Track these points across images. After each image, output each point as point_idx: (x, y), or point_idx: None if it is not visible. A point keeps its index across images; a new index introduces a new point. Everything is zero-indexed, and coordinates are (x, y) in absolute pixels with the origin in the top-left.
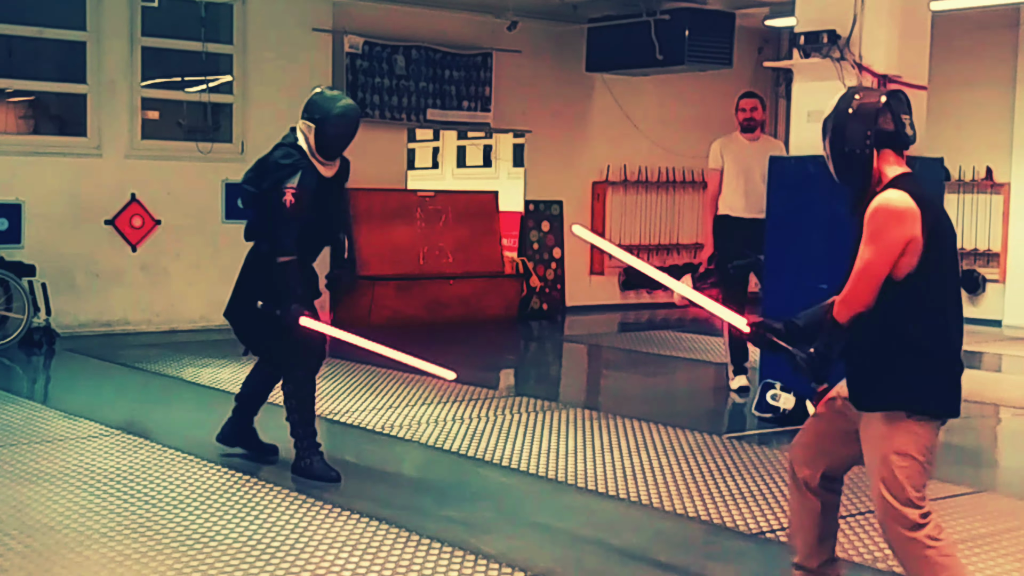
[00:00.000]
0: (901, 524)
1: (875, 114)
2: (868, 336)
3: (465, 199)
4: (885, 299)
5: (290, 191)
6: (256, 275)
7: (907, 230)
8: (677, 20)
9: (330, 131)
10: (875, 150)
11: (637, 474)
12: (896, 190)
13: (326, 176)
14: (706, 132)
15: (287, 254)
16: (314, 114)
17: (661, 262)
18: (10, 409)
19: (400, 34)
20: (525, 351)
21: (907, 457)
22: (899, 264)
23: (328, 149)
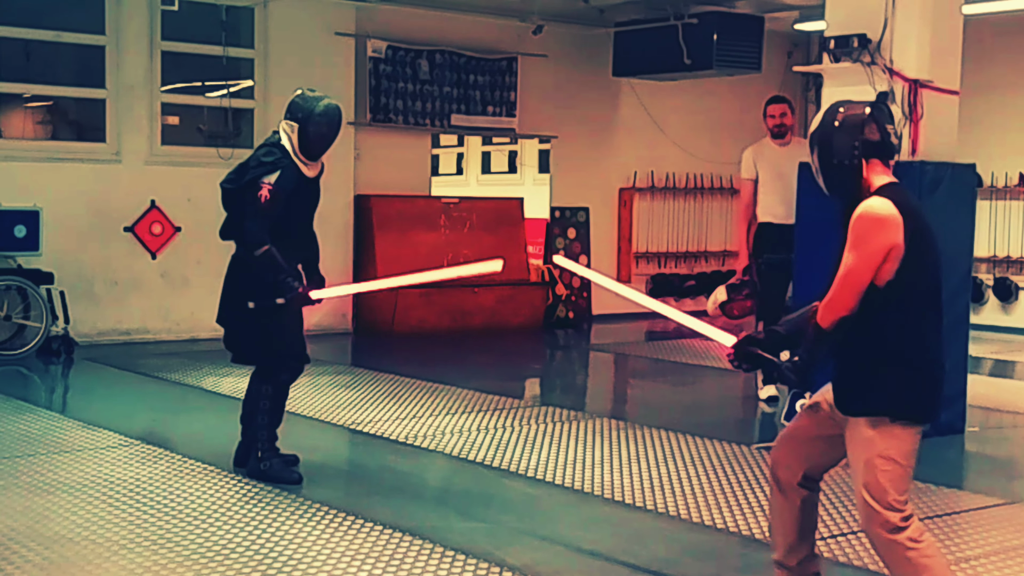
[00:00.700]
0: (883, 527)
1: (861, 125)
2: (852, 342)
3: (490, 206)
4: (867, 305)
5: (266, 186)
6: (240, 277)
7: (890, 237)
8: (705, 24)
9: (312, 131)
10: (863, 160)
11: (665, 485)
12: (880, 198)
13: (308, 176)
14: (735, 138)
15: (261, 244)
16: (296, 114)
17: (689, 270)
18: (28, 419)
19: (424, 38)
20: (551, 360)
21: (890, 461)
22: (881, 270)
23: (311, 149)
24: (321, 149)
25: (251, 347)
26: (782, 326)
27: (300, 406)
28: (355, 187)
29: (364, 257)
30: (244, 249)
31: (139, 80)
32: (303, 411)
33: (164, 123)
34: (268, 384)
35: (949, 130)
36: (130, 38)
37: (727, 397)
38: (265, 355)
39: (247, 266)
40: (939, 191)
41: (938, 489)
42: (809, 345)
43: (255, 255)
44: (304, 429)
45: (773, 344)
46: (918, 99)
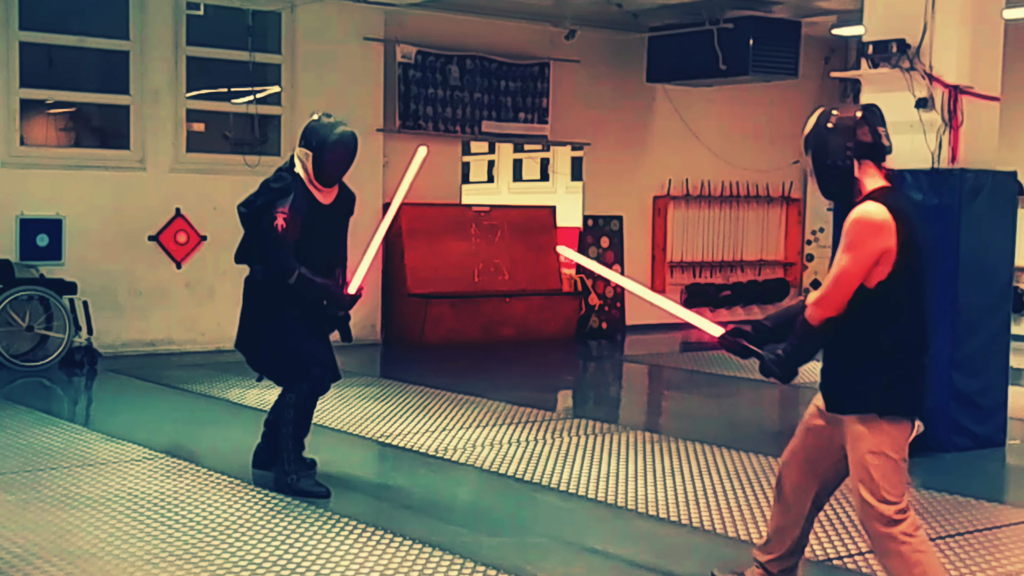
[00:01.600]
0: (878, 520)
1: (854, 127)
2: (840, 342)
3: (521, 214)
4: (856, 306)
5: (281, 214)
6: (256, 301)
7: (883, 241)
8: (741, 29)
9: (327, 158)
10: (856, 161)
11: (700, 499)
12: (874, 203)
13: (322, 203)
14: (771, 144)
15: (290, 272)
16: (311, 141)
17: (724, 279)
18: (51, 432)
19: (454, 43)
20: (584, 371)
21: (881, 455)
22: (872, 273)
23: (326, 176)
24: (336, 176)
25: (272, 362)
26: (770, 319)
27: (328, 418)
28: (384, 195)
29: (394, 266)
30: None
31: (164, 86)
32: (332, 424)
33: (189, 130)
34: (291, 393)
35: (990, 137)
36: (155, 43)
37: (763, 409)
38: (285, 366)
39: (260, 292)
40: (979, 199)
41: (978, 503)
42: (795, 340)
43: (290, 284)
44: (332, 442)
45: (759, 337)
46: (958, 105)
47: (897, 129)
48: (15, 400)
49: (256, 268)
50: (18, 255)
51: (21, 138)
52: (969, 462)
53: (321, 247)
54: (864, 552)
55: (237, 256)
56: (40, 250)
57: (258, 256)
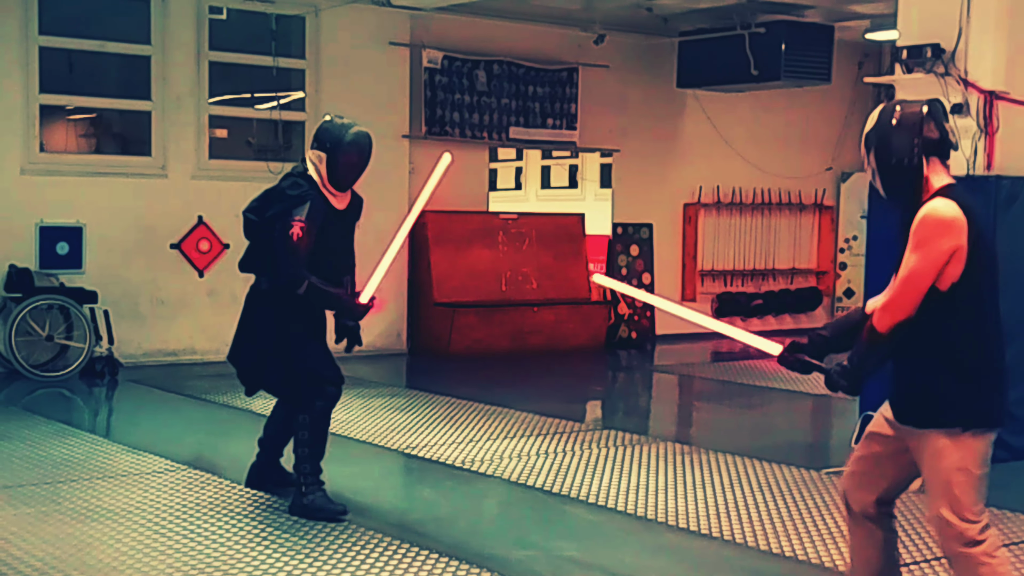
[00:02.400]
0: (959, 540)
1: (920, 123)
2: (912, 349)
3: (550, 222)
4: (929, 310)
5: (298, 223)
6: (261, 314)
7: (954, 239)
8: (773, 33)
9: (342, 160)
10: (923, 158)
11: (731, 511)
12: (944, 199)
13: (337, 208)
14: (804, 151)
15: (300, 282)
16: (325, 143)
17: (756, 288)
18: (71, 443)
19: (481, 48)
20: (613, 382)
21: (965, 471)
22: (944, 273)
23: (340, 179)
24: (351, 180)
25: (279, 379)
26: (826, 330)
27: (353, 430)
28: (410, 203)
29: (420, 275)
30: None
31: (186, 91)
32: (356, 435)
33: (212, 136)
34: (304, 414)
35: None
36: (177, 48)
37: (796, 420)
38: (295, 384)
39: (264, 303)
40: (1015, 206)
41: (1015, 515)
42: (862, 349)
43: (299, 294)
44: (358, 454)
45: (818, 349)
46: (993, 111)
47: None
48: (35, 411)
49: (261, 278)
50: (38, 263)
51: (41, 144)
52: (1007, 474)
53: (332, 255)
54: (931, 559)
55: (242, 264)
56: (60, 258)
57: (265, 266)
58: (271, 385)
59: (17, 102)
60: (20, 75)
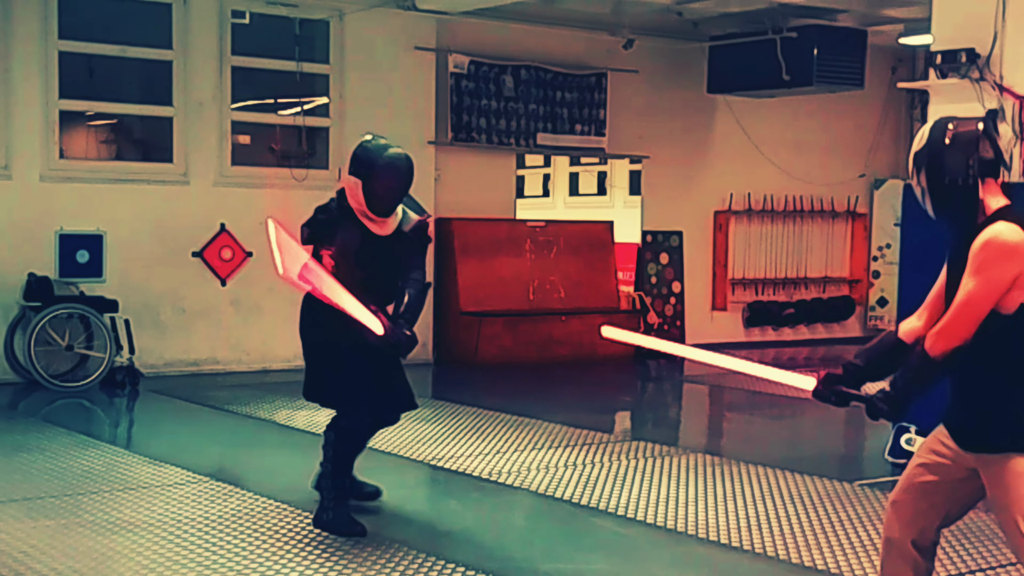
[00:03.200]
0: None
1: (975, 142)
2: (979, 374)
3: (578, 230)
4: (992, 333)
5: (327, 255)
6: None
7: (1018, 265)
8: (805, 38)
9: (379, 185)
10: (979, 180)
11: (762, 524)
12: (1007, 223)
13: (379, 234)
14: (836, 158)
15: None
16: (359, 168)
17: (788, 297)
18: (91, 454)
19: (508, 53)
20: (642, 392)
21: None
22: (1006, 298)
23: (379, 204)
24: (391, 204)
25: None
26: (860, 358)
27: (379, 441)
28: (436, 210)
29: (446, 284)
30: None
31: (208, 97)
32: (382, 447)
33: (234, 142)
34: (331, 430)
35: None
36: (199, 53)
37: (828, 431)
38: (329, 398)
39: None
40: None
41: None
42: (909, 375)
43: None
44: (383, 465)
45: (854, 379)
46: None
47: None
48: (55, 422)
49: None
50: (57, 272)
51: (60, 151)
52: None
53: (377, 281)
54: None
55: None
56: (80, 267)
57: None
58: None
59: (36, 108)
60: (39, 80)
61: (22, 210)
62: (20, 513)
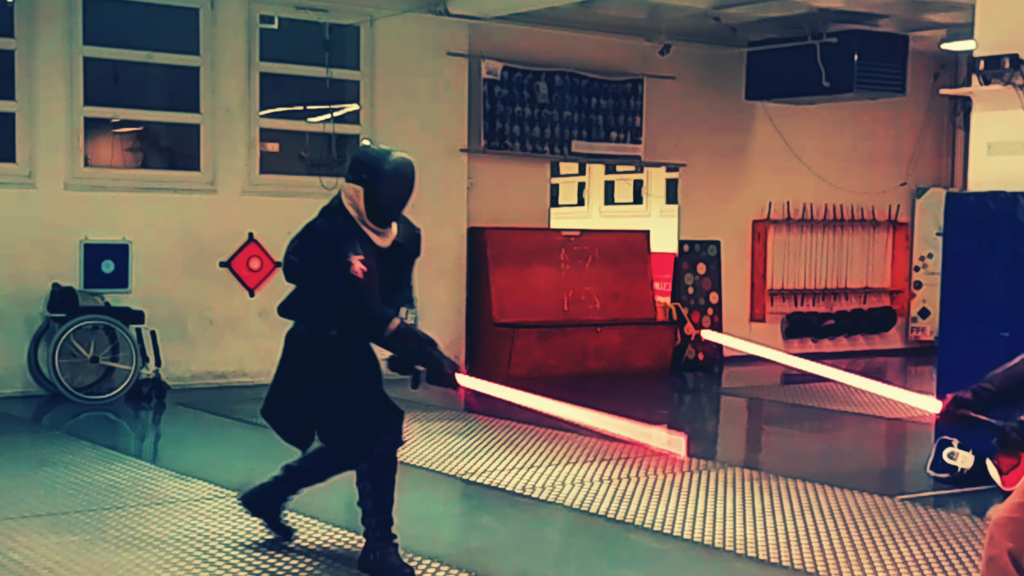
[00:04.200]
0: None
1: None
2: None
3: (613, 239)
4: None
5: (357, 260)
6: (300, 362)
7: None
8: (845, 44)
9: (382, 193)
10: None
11: (801, 539)
12: None
13: (380, 246)
14: (877, 166)
15: (388, 320)
16: (360, 174)
17: (828, 308)
18: (117, 468)
19: (542, 59)
20: (679, 405)
21: None
22: None
23: (381, 214)
24: (393, 214)
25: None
26: (992, 383)
27: (410, 455)
28: (468, 219)
29: (479, 294)
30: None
31: (236, 104)
32: (413, 460)
33: (263, 150)
34: (363, 463)
35: None
36: (226, 59)
37: (869, 445)
38: (348, 433)
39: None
40: None
41: None
42: None
43: (387, 336)
44: (415, 480)
45: (984, 404)
46: None
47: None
48: (79, 435)
49: (302, 324)
50: (82, 282)
51: (85, 159)
52: None
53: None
54: None
55: (283, 308)
56: (105, 277)
57: (307, 311)
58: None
59: (61, 115)
60: (64, 87)
61: (46, 219)
62: (44, 528)
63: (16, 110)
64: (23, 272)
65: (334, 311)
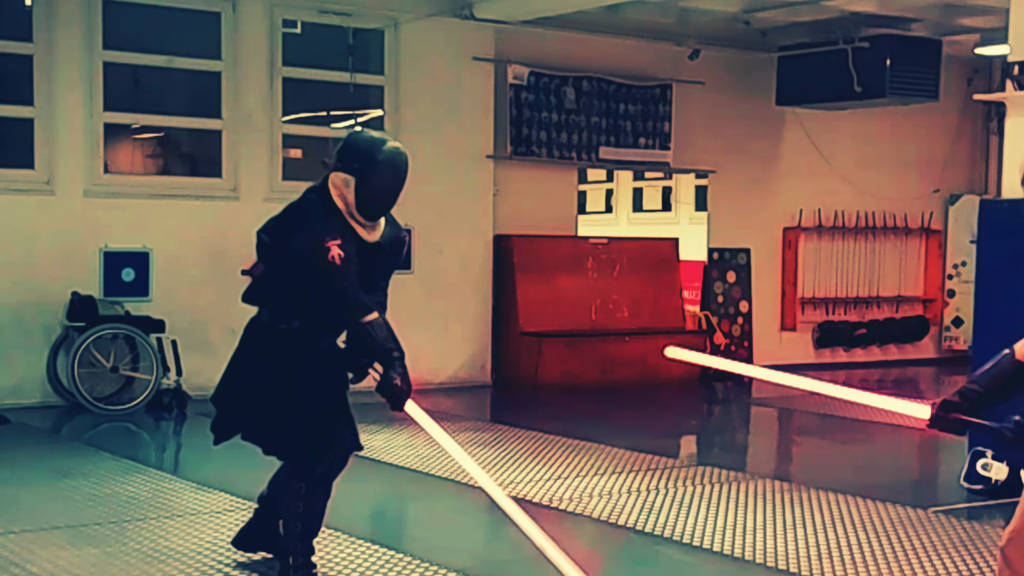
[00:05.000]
0: None
1: None
2: None
3: (642, 247)
4: None
5: (334, 246)
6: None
7: None
8: (877, 48)
9: (375, 183)
10: None
11: (833, 552)
12: None
13: (367, 240)
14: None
15: (367, 310)
16: (352, 162)
17: (860, 317)
18: (137, 480)
19: (569, 64)
20: (708, 415)
21: None
22: None
23: (372, 207)
24: (384, 206)
25: (273, 433)
26: (977, 383)
27: (435, 466)
28: (495, 227)
29: (505, 303)
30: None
31: (258, 109)
32: (439, 472)
33: (285, 156)
34: (301, 481)
35: None
36: (249, 63)
37: (901, 456)
38: (292, 445)
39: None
40: None
41: None
42: None
43: (362, 324)
44: (441, 491)
45: (973, 405)
46: None
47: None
48: (99, 446)
49: (264, 311)
50: (102, 291)
51: (105, 165)
52: None
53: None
54: None
55: (247, 295)
56: (126, 285)
57: (270, 297)
58: (262, 438)
59: (80, 120)
60: (84, 92)
61: (65, 227)
62: (64, 541)
63: (35, 116)
64: (42, 280)
65: (300, 299)
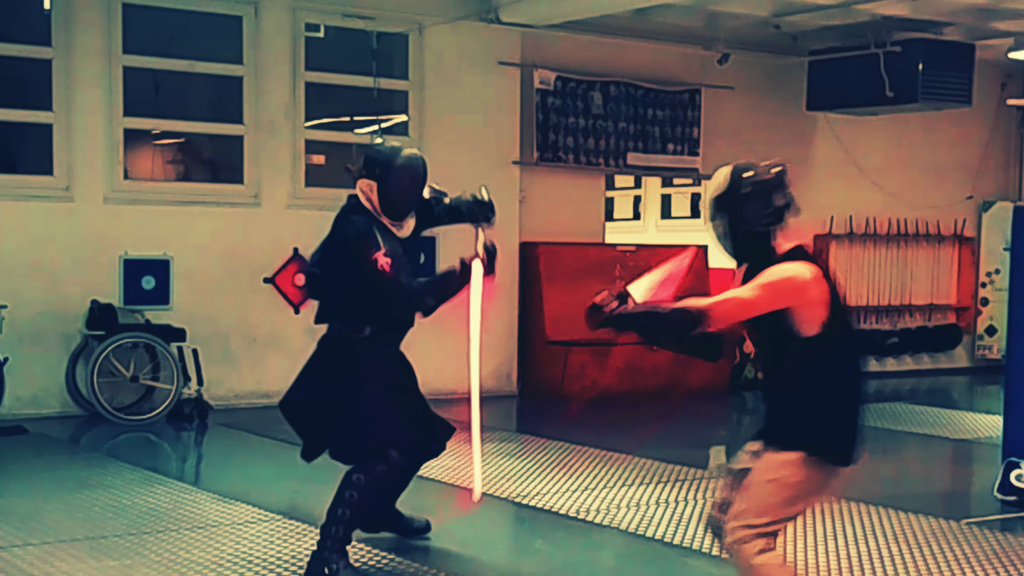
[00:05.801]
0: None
1: (770, 192)
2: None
3: (671, 254)
4: (793, 354)
5: (380, 255)
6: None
7: (796, 295)
8: (910, 52)
9: (394, 186)
10: (775, 227)
11: (865, 564)
12: (794, 262)
13: (401, 236)
14: (942, 178)
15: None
16: (373, 169)
17: (892, 325)
18: (157, 491)
19: (597, 68)
20: (737, 425)
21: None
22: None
23: (394, 207)
24: (406, 207)
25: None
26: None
27: (461, 477)
28: (520, 234)
29: (531, 311)
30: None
31: (280, 115)
32: (465, 483)
33: (308, 162)
34: (362, 473)
35: None
36: (271, 68)
37: (933, 467)
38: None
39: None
40: None
41: None
42: (664, 311)
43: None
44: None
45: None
46: None
47: None
48: (119, 457)
49: (334, 325)
50: (122, 299)
51: (125, 171)
52: None
53: None
54: None
55: (319, 317)
56: (146, 293)
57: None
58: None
59: (100, 126)
60: (103, 97)
61: (85, 234)
62: (83, 552)
63: (53, 121)
64: (61, 288)
65: (367, 308)
